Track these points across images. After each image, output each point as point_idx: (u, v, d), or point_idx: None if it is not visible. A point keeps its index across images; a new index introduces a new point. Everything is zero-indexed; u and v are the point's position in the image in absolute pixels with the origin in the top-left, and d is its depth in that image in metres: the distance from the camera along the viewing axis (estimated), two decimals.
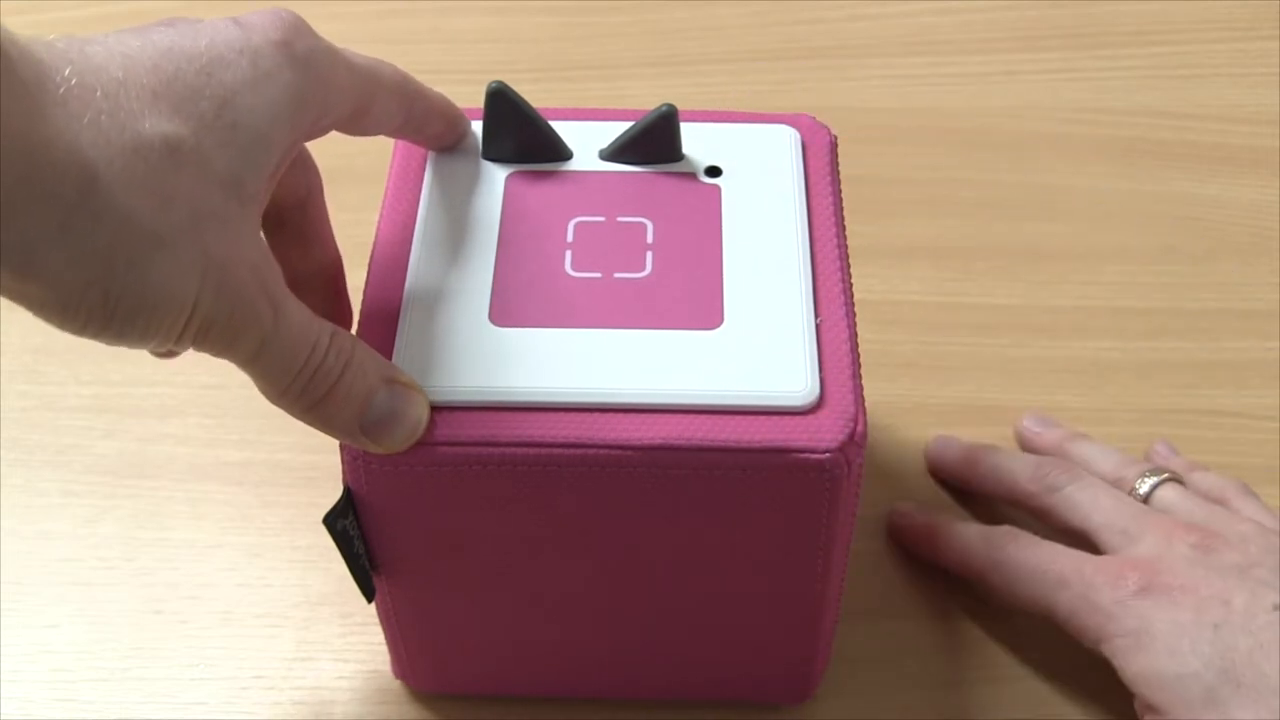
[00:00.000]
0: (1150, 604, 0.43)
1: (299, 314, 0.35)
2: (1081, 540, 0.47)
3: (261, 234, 0.35)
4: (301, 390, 0.35)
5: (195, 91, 0.33)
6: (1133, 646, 0.43)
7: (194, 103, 0.32)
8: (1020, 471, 0.50)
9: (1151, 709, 0.42)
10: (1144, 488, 0.48)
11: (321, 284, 0.44)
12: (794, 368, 0.38)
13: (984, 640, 0.50)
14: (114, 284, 0.31)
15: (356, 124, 0.39)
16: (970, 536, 0.49)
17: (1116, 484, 0.49)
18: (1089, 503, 0.48)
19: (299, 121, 0.35)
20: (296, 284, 0.42)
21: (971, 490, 0.53)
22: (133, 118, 0.31)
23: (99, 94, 0.31)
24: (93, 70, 0.31)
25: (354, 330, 0.39)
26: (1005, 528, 0.48)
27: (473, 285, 0.40)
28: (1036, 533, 0.47)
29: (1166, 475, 0.49)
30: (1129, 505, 0.47)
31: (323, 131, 0.38)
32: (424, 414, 0.37)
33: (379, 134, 0.41)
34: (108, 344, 0.32)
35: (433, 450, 0.37)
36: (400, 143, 0.44)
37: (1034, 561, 0.46)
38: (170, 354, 0.43)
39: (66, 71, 0.30)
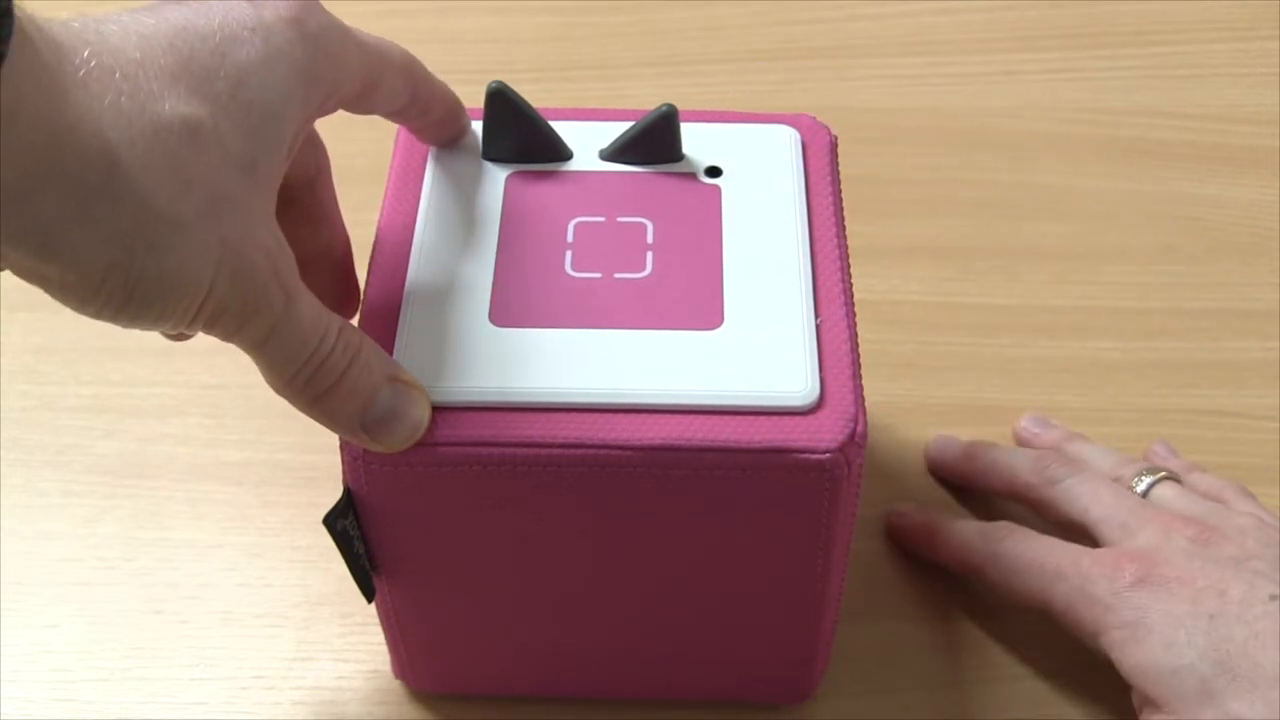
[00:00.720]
0: (1147, 595, 0.43)
1: (310, 304, 0.35)
2: (1080, 534, 0.47)
3: (274, 217, 0.35)
4: (306, 381, 0.35)
5: (211, 72, 0.33)
6: (1129, 639, 0.43)
7: (210, 83, 0.32)
8: (1020, 465, 0.50)
9: (1149, 702, 0.42)
10: (1141, 486, 0.49)
11: (330, 265, 0.43)
12: (794, 368, 0.38)
13: (984, 640, 0.50)
14: (134, 267, 0.31)
15: (363, 102, 0.39)
16: (968, 532, 0.49)
17: (1114, 482, 0.49)
18: (1088, 495, 0.48)
19: (310, 98, 0.35)
20: (305, 264, 0.42)
21: (971, 486, 0.53)
22: (152, 99, 0.31)
23: (118, 75, 0.31)
24: (110, 51, 0.31)
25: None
26: (1002, 523, 0.48)
27: (473, 285, 0.40)
28: (1035, 529, 0.47)
29: (1164, 474, 0.49)
30: (1128, 499, 0.47)
31: (332, 109, 0.38)
32: (425, 414, 0.37)
33: (383, 113, 0.41)
34: (123, 326, 0.32)
35: (433, 450, 0.37)
36: (400, 143, 0.44)
37: (1031, 555, 0.46)
38: (182, 336, 0.43)
39: (85, 54, 0.30)
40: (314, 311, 0.35)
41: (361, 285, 0.41)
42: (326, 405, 0.36)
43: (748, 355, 0.38)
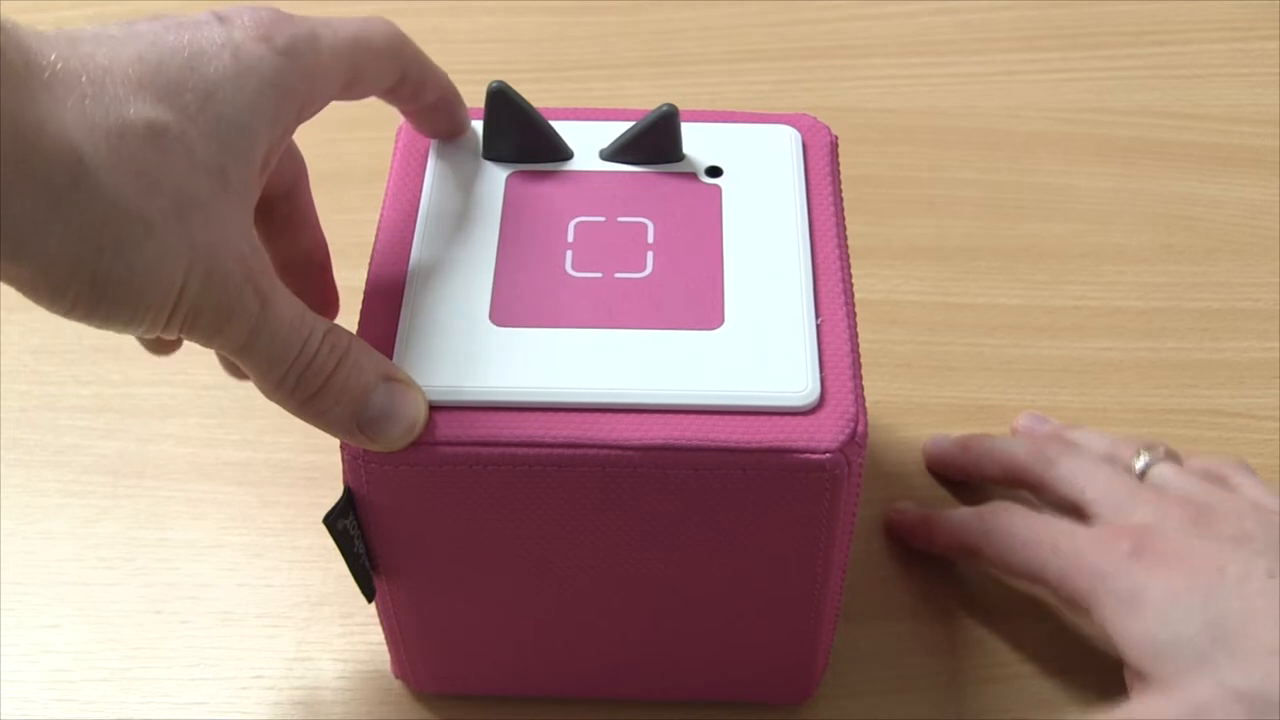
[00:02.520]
0: (1143, 568, 0.42)
1: (290, 307, 0.35)
2: (1077, 516, 0.47)
3: (252, 227, 0.35)
4: (295, 384, 0.35)
5: (179, 83, 0.33)
6: (1124, 611, 0.42)
7: (178, 94, 0.33)
8: (1017, 449, 0.50)
9: (1142, 676, 0.42)
10: (1139, 464, 0.48)
11: (310, 271, 0.44)
12: (794, 368, 0.38)
13: (984, 640, 0.50)
14: (101, 267, 0.31)
15: (350, 92, 0.39)
16: (964, 514, 0.49)
17: (1112, 461, 0.49)
18: (1085, 476, 0.47)
19: (284, 111, 0.36)
20: (285, 271, 0.42)
21: (969, 477, 0.53)
22: (117, 103, 0.31)
23: (84, 79, 0.31)
24: (78, 57, 0.31)
25: (354, 330, 0.39)
26: (998, 502, 0.48)
27: (473, 285, 0.40)
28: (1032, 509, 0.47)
29: (1162, 452, 0.48)
30: (1125, 480, 0.47)
31: (313, 114, 0.38)
32: (422, 412, 0.37)
33: (372, 96, 0.41)
34: (95, 327, 0.32)
35: (433, 450, 0.37)
36: (401, 143, 0.44)
37: (1027, 529, 0.46)
38: (164, 346, 0.43)
39: (52, 57, 0.31)
40: (295, 314, 0.35)
41: (361, 285, 0.41)
42: (317, 407, 0.36)
43: (748, 355, 0.38)
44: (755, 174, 0.43)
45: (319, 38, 0.37)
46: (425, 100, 0.42)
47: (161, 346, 0.44)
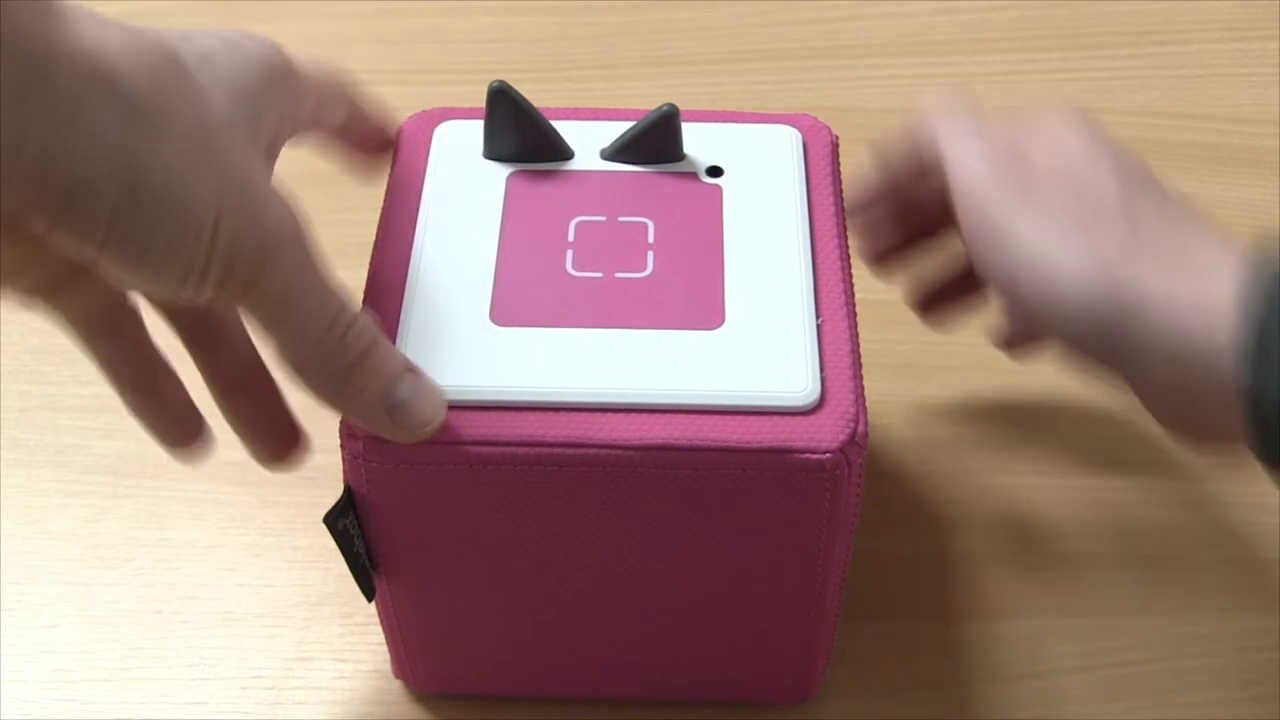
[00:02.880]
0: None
1: (325, 272, 0.35)
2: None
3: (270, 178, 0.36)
4: (331, 353, 0.34)
5: (179, 47, 0.33)
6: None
7: (180, 52, 0.33)
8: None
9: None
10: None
11: (252, 388, 0.43)
12: (795, 368, 0.38)
13: (984, 640, 0.50)
14: (135, 176, 0.30)
15: (313, 117, 0.40)
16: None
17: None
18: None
19: (280, 96, 0.36)
20: (231, 389, 0.42)
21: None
22: (125, 29, 0.32)
23: (94, 16, 0.31)
24: (80, 7, 0.32)
25: None
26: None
27: (474, 285, 0.40)
28: None
29: None
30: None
31: (299, 123, 0.39)
32: (443, 406, 0.36)
33: (325, 130, 0.42)
34: (133, 264, 0.31)
35: (433, 449, 0.37)
36: (401, 143, 0.44)
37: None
38: (183, 438, 0.42)
39: None
40: (332, 282, 0.35)
41: (361, 285, 0.41)
42: (354, 380, 0.35)
43: (748, 355, 0.38)
44: (756, 174, 0.43)
45: (287, 53, 0.38)
46: (364, 130, 0.43)
47: (182, 438, 0.43)
